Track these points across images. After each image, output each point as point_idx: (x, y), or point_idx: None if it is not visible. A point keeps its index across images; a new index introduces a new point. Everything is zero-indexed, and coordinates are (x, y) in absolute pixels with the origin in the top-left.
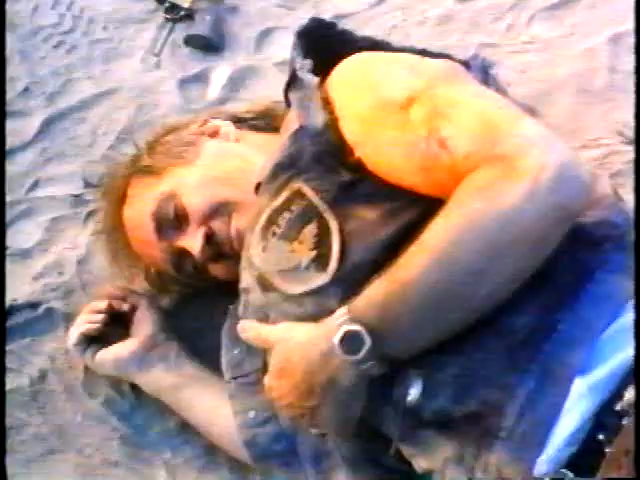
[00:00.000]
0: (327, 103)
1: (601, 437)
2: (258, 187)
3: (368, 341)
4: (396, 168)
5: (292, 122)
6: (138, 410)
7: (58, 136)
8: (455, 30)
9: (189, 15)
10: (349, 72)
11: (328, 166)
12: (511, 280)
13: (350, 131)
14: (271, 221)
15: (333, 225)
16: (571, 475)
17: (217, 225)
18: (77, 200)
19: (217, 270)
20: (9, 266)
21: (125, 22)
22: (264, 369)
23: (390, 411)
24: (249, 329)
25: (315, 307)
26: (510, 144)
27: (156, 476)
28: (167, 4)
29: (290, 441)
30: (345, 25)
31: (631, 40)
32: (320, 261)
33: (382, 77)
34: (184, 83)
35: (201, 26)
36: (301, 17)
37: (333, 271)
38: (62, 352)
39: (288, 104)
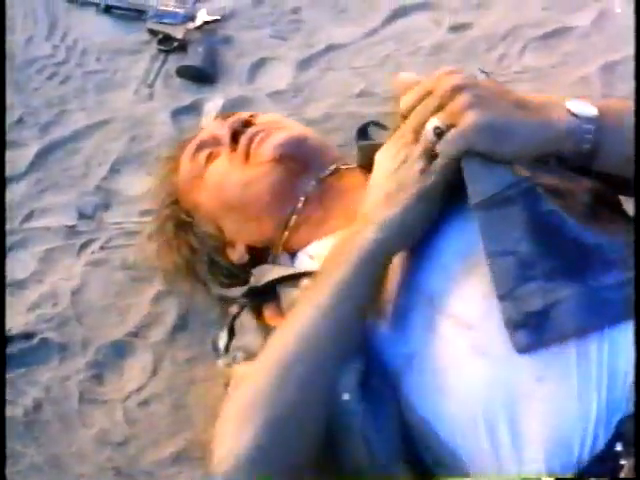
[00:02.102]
0: None
1: (619, 448)
2: None
3: (595, 110)
4: None
5: None
6: (132, 440)
7: (52, 167)
8: (448, 60)
9: (182, 46)
10: None
11: None
12: None
13: None
14: None
15: None
16: None
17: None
18: (71, 231)
19: (220, 164)
20: None
21: (118, 53)
22: None
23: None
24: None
25: None
26: None
27: None
28: (160, 35)
29: None
30: (339, 56)
31: (623, 68)
32: None
33: None
34: (177, 114)
35: (194, 57)
36: (294, 48)
37: None
38: (57, 382)
39: None
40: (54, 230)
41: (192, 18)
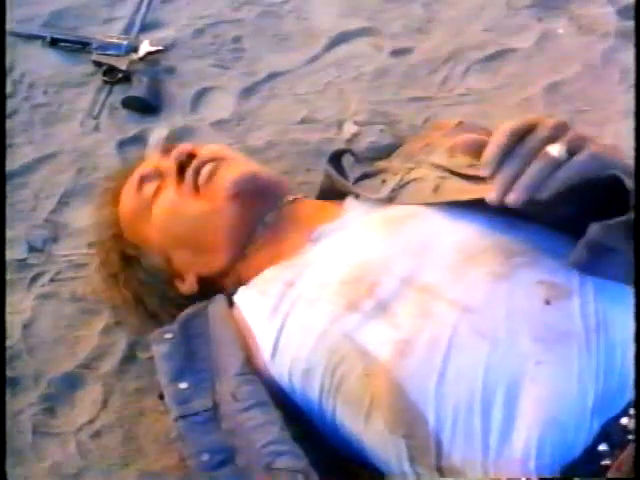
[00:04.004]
0: None
1: (603, 448)
2: None
3: None
4: None
5: None
6: (85, 472)
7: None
8: (390, 84)
9: (126, 77)
10: None
11: None
12: None
13: None
14: None
15: None
16: None
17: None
18: (21, 265)
19: (167, 197)
20: None
21: (64, 86)
22: (214, 409)
23: None
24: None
25: None
26: None
27: None
28: (105, 67)
29: None
30: (280, 83)
31: (567, 89)
32: None
33: None
34: (123, 145)
35: (138, 88)
36: (236, 76)
37: None
38: (10, 416)
39: None
40: (5, 264)
41: (135, 49)
